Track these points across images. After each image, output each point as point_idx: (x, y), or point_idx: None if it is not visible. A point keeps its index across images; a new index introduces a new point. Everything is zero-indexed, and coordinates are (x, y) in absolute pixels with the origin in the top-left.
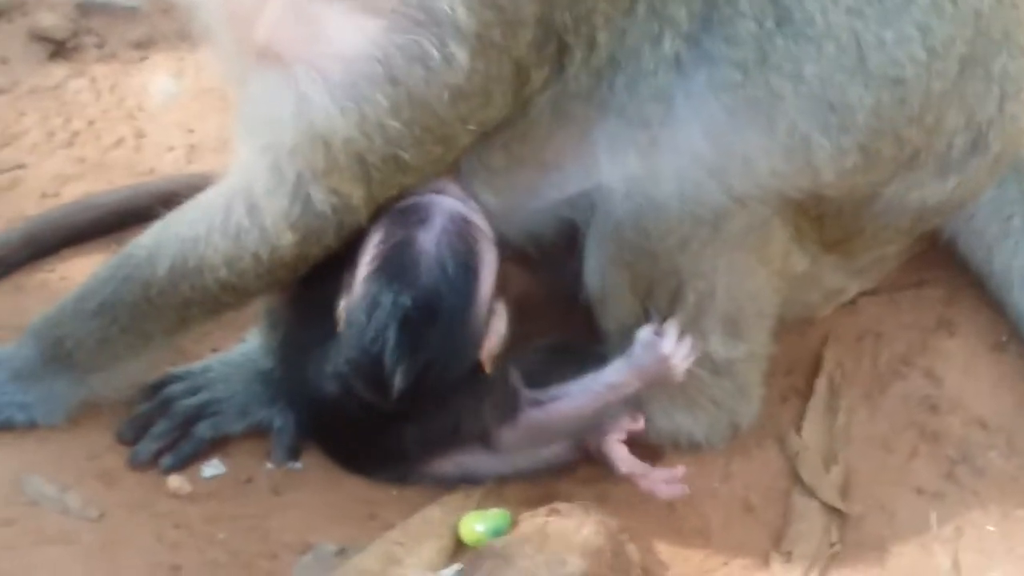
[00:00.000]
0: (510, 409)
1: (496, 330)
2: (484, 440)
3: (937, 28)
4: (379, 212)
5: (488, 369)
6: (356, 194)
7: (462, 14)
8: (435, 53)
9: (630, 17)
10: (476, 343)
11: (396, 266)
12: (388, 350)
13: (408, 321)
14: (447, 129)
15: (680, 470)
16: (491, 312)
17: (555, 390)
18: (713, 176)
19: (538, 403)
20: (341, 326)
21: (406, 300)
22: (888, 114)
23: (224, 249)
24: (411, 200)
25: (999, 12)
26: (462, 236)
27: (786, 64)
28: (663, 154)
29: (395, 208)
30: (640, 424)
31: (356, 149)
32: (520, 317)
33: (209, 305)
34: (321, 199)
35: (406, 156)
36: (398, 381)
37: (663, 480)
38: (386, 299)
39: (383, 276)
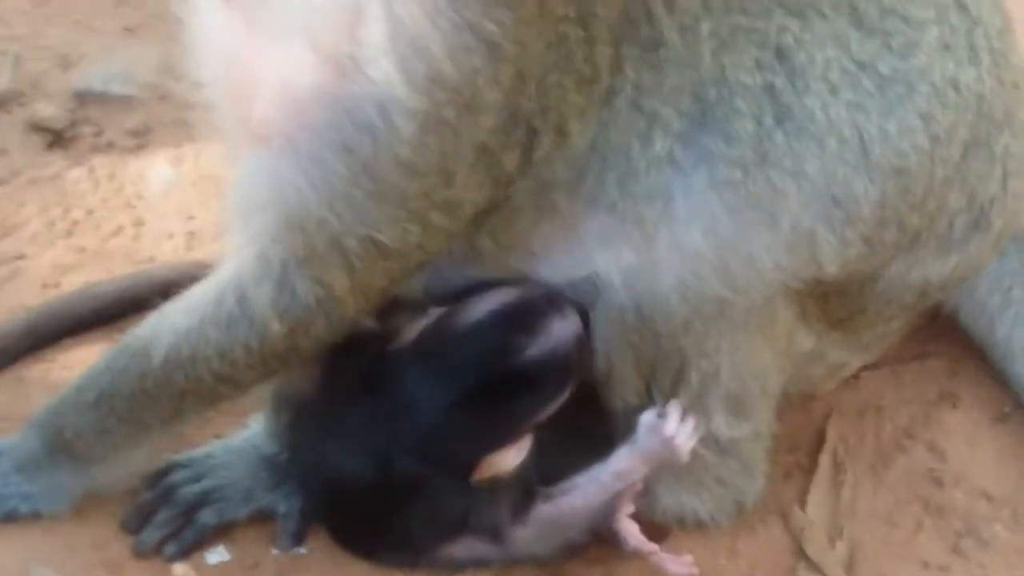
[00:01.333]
0: (524, 507)
1: (514, 455)
2: (495, 536)
3: (940, 116)
4: (369, 307)
5: (474, 481)
6: (339, 283)
7: (403, 91)
8: (379, 123)
9: (609, 109)
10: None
11: (525, 325)
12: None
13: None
14: (414, 205)
15: (689, 558)
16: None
17: (564, 484)
18: (715, 272)
19: (549, 498)
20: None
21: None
22: (892, 204)
23: (216, 339)
24: (554, 292)
25: (1000, 93)
26: (578, 355)
27: (787, 161)
28: (661, 251)
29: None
30: (641, 488)
31: (331, 232)
32: None
33: (204, 395)
34: (305, 289)
35: (382, 238)
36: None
37: (672, 559)
38: (505, 344)
39: (512, 325)
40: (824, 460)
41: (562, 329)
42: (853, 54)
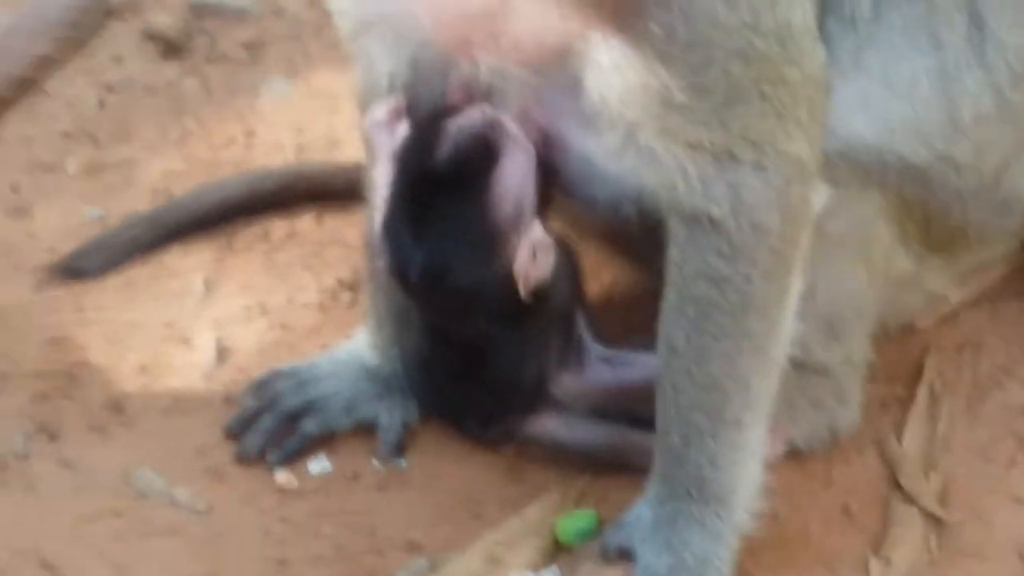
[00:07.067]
0: (576, 357)
1: (534, 254)
2: (545, 385)
3: None
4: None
5: (523, 293)
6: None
7: None
8: None
9: None
10: (498, 250)
11: (419, 138)
12: (403, 218)
13: (418, 190)
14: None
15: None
16: (525, 229)
17: (627, 355)
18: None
19: (608, 362)
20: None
21: (418, 167)
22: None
23: None
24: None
25: None
26: (486, 129)
27: None
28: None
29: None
30: None
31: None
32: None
33: None
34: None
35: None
36: (416, 261)
37: None
38: (408, 163)
39: (408, 145)
40: (921, 393)
41: (451, 124)
42: None
